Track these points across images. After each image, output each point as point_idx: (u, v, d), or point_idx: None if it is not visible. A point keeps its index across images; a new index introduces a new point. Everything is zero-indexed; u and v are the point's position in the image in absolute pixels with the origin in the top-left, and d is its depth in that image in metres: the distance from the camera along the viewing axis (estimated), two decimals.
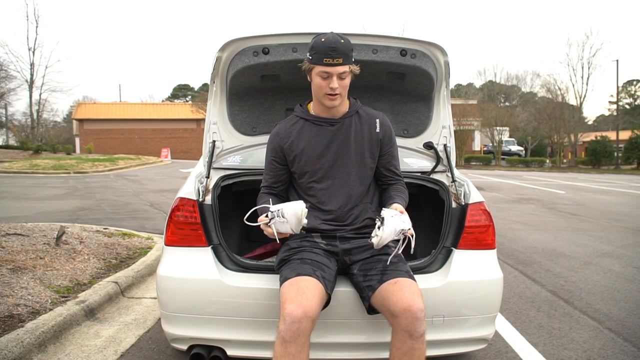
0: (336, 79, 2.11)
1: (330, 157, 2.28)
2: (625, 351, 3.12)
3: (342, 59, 2.08)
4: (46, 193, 11.52)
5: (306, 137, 2.29)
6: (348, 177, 2.30)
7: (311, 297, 1.94)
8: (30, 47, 34.57)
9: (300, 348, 1.90)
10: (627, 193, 14.74)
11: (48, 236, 4.92)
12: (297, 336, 1.88)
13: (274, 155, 2.34)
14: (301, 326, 1.88)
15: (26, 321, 2.93)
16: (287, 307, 1.91)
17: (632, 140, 34.34)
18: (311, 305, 1.92)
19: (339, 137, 2.28)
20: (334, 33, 2.12)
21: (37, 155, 26.21)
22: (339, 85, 2.13)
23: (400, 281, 2.07)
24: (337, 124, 2.28)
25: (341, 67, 2.09)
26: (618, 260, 5.66)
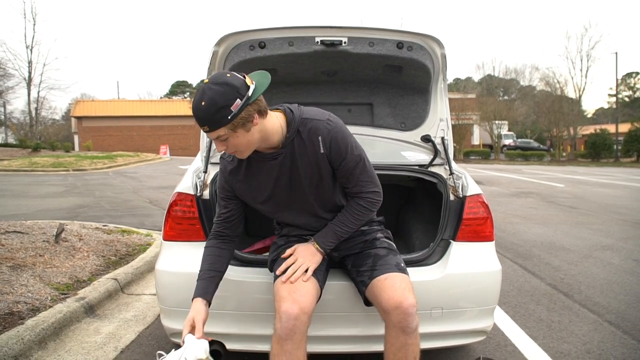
0: (219, 142, 1.83)
1: (283, 191, 2.06)
2: (625, 344, 3.12)
3: (207, 126, 1.76)
4: (45, 191, 11.52)
5: (253, 174, 2.04)
6: (309, 204, 2.11)
7: (305, 294, 1.93)
8: (28, 45, 34.46)
9: (297, 345, 1.89)
10: (627, 186, 14.75)
11: (47, 234, 4.92)
12: (294, 333, 1.87)
13: (224, 192, 2.10)
14: (297, 323, 1.87)
15: (26, 318, 2.93)
16: (282, 305, 1.89)
17: (631, 133, 34.33)
18: (306, 302, 1.91)
19: (285, 168, 2.01)
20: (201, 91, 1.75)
21: (36, 153, 26.18)
22: (228, 146, 1.85)
23: (390, 277, 2.05)
24: (280, 155, 1.97)
25: (211, 133, 1.79)
26: (617, 253, 5.67)
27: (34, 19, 35.35)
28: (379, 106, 2.86)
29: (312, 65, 2.59)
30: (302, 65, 2.58)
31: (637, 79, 61.74)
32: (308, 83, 2.79)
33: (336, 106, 2.87)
